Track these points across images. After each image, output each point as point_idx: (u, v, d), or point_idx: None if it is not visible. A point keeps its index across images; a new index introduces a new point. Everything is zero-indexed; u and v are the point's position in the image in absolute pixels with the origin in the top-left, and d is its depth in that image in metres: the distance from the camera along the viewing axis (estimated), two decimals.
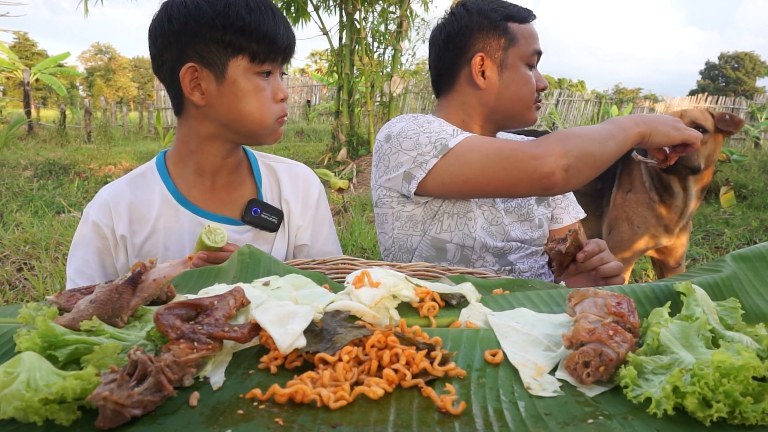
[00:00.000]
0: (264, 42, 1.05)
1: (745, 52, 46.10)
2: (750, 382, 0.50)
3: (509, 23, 1.30)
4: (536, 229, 1.37)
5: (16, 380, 0.49)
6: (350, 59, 7.16)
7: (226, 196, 1.18)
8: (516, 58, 1.30)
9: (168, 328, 0.59)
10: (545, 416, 0.52)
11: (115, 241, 1.13)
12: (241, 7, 1.03)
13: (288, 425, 0.50)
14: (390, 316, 0.72)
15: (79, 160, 7.35)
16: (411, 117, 1.29)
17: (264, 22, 1.04)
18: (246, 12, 1.03)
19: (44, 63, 15.00)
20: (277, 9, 1.09)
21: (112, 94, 44.34)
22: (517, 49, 1.30)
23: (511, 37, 1.29)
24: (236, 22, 1.03)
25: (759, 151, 9.59)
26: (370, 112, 7.28)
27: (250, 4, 1.04)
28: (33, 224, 4.15)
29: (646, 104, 16.56)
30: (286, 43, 1.09)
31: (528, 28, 1.32)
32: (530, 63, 1.31)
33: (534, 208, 1.37)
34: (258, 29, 1.04)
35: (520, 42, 1.30)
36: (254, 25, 1.04)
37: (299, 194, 1.25)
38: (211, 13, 1.02)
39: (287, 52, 1.10)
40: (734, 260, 0.78)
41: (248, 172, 1.23)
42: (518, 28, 1.30)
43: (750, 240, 4.36)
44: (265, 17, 1.05)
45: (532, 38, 1.31)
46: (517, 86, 1.30)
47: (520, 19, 1.31)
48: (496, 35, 1.30)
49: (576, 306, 0.67)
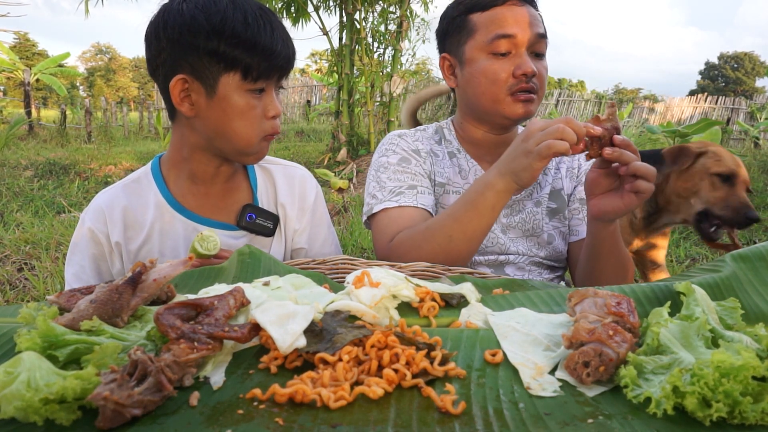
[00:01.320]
0: (258, 59, 1.01)
1: (744, 52, 46.12)
2: (750, 382, 0.50)
3: (470, 15, 1.22)
4: (544, 246, 1.30)
5: (17, 380, 0.49)
6: (350, 59, 7.17)
7: (221, 202, 1.17)
8: (473, 50, 1.21)
9: (168, 328, 0.59)
10: (545, 416, 0.52)
11: (110, 248, 1.13)
12: (237, 21, 1.00)
13: (288, 425, 0.50)
14: (390, 316, 0.72)
15: (80, 160, 7.36)
16: (387, 144, 1.32)
17: (260, 38, 1.01)
18: (242, 27, 1.00)
19: (44, 63, 15.01)
20: (277, 23, 1.05)
21: (112, 94, 44.37)
22: (474, 40, 1.21)
23: (468, 30, 1.22)
24: (231, 36, 0.99)
25: (759, 151, 9.59)
26: (370, 112, 7.28)
27: (248, 18, 1.00)
28: (33, 224, 4.15)
29: (645, 104, 16.55)
30: (282, 62, 1.04)
31: (491, 14, 1.20)
32: (493, 51, 1.18)
33: (544, 222, 1.31)
34: (253, 46, 1.00)
35: (478, 32, 1.20)
36: (249, 42, 1.00)
37: (295, 198, 1.24)
38: (206, 26, 0.99)
39: (283, 70, 1.06)
40: (734, 260, 0.78)
41: (244, 177, 1.22)
42: (479, 17, 1.21)
43: (750, 240, 4.36)
44: (262, 33, 1.01)
45: (495, 23, 1.19)
46: (476, 81, 1.22)
47: (483, 6, 1.21)
48: (456, 32, 1.25)
49: (576, 306, 0.67)
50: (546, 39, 1.21)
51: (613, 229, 1.09)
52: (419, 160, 1.29)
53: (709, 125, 5.83)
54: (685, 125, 6.80)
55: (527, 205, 1.30)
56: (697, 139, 5.74)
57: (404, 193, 1.23)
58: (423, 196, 1.24)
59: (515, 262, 1.28)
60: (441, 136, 1.37)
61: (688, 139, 5.78)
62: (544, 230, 1.31)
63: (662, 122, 10.06)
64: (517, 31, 1.17)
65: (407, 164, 1.27)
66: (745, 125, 12.70)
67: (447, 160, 1.32)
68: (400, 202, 1.22)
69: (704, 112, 15.29)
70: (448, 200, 1.29)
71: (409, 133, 1.35)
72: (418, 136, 1.35)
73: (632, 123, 11.59)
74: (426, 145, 1.33)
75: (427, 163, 1.30)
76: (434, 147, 1.34)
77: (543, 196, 1.32)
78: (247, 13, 1.01)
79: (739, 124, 13.29)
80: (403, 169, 1.27)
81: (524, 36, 1.17)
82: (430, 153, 1.32)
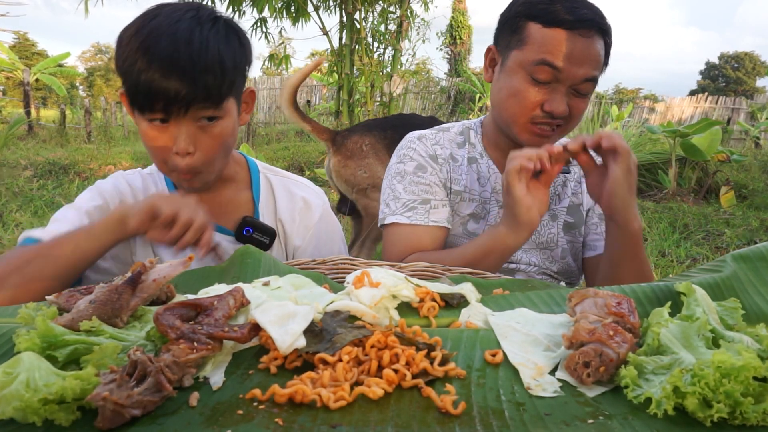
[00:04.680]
0: (136, 88, 0.93)
1: (745, 52, 46.08)
2: (750, 382, 0.50)
3: (530, 22, 1.10)
4: (557, 261, 1.28)
5: (16, 380, 0.49)
6: (350, 59, 7.16)
7: (220, 209, 1.15)
8: (516, 63, 1.12)
9: (168, 328, 0.59)
10: (545, 416, 0.52)
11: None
12: (134, 45, 0.92)
13: (288, 425, 0.50)
14: (390, 316, 0.72)
15: (79, 160, 7.36)
16: (405, 148, 1.30)
17: (137, 67, 0.91)
18: (128, 53, 0.92)
19: (44, 63, 15.04)
20: (184, 49, 0.93)
21: (112, 94, 44.32)
22: (521, 53, 1.11)
23: (521, 38, 1.11)
24: (122, 58, 0.94)
25: (759, 151, 9.59)
26: (370, 112, 7.28)
27: (151, 45, 0.92)
28: (33, 224, 4.15)
29: (646, 104, 16.55)
30: (164, 93, 0.92)
31: (550, 34, 1.08)
32: (534, 74, 1.09)
33: (559, 236, 1.28)
34: (131, 73, 0.92)
35: (528, 47, 1.10)
36: (128, 68, 0.92)
37: (295, 215, 1.22)
38: (120, 43, 0.95)
39: (172, 102, 0.93)
40: (734, 260, 0.78)
41: (246, 186, 1.21)
42: (538, 30, 1.09)
43: (750, 240, 4.36)
44: (150, 60, 0.91)
45: (547, 45, 1.07)
46: (505, 93, 1.14)
47: (547, 21, 1.08)
48: (510, 32, 1.15)
49: (576, 306, 0.67)
50: (595, 81, 1.12)
51: (633, 234, 1.04)
52: (435, 168, 1.26)
53: (710, 125, 5.83)
54: (685, 125, 6.80)
55: (543, 218, 1.27)
56: (697, 139, 5.75)
57: (417, 208, 1.23)
58: (436, 212, 1.23)
59: (526, 271, 1.27)
60: (466, 138, 1.31)
61: (689, 139, 5.78)
62: (559, 245, 1.28)
63: (663, 122, 10.04)
64: (565, 66, 1.07)
65: (423, 173, 1.25)
66: (746, 125, 12.70)
67: (465, 165, 1.28)
68: (412, 219, 1.22)
69: (705, 112, 15.29)
70: (462, 208, 1.27)
71: (430, 135, 1.31)
72: (439, 138, 1.31)
73: (632, 123, 11.58)
74: (446, 149, 1.29)
75: (444, 170, 1.27)
76: (454, 151, 1.29)
77: (561, 209, 1.30)
78: (147, 37, 0.93)
79: (739, 124, 13.29)
80: (419, 179, 1.25)
81: (572, 74, 1.08)
82: (448, 159, 1.28)
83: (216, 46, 0.95)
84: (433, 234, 1.23)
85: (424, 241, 1.21)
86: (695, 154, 5.78)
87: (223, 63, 0.96)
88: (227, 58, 0.97)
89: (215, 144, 1.01)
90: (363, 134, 2.82)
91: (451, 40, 19.20)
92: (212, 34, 0.96)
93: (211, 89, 0.95)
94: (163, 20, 0.95)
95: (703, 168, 6.27)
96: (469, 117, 11.02)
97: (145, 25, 0.95)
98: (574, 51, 1.07)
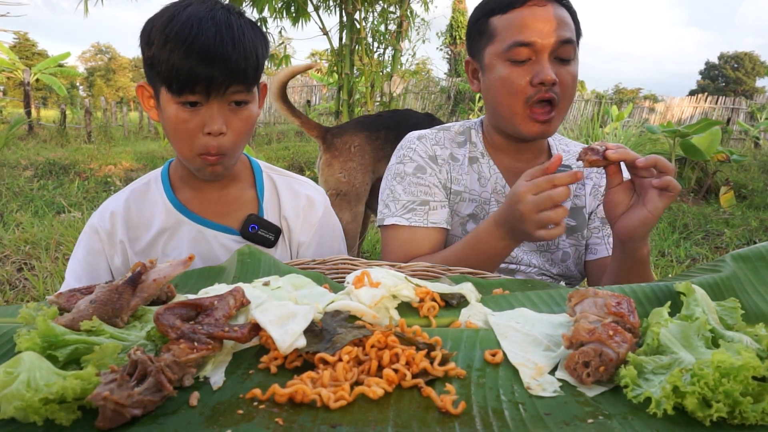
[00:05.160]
0: (176, 72, 0.96)
1: (744, 52, 46.09)
2: (750, 382, 0.50)
3: (491, 18, 1.15)
4: (557, 263, 1.27)
5: (16, 380, 0.49)
6: (350, 59, 7.16)
7: (225, 208, 1.17)
8: (492, 56, 1.14)
9: (168, 328, 0.59)
10: (545, 416, 0.52)
11: (111, 244, 1.14)
12: (171, 30, 0.96)
13: (288, 425, 0.50)
14: (390, 316, 0.72)
15: (80, 160, 7.35)
16: (405, 149, 1.29)
17: (180, 50, 0.95)
18: (166, 37, 0.96)
19: (44, 63, 15.02)
20: (227, 34, 0.98)
21: (112, 94, 44.33)
22: (493, 46, 1.14)
23: (489, 35, 1.15)
24: (158, 46, 0.96)
25: (759, 151, 9.60)
26: (370, 112, 7.28)
27: (183, 27, 0.96)
28: (33, 224, 4.14)
29: (646, 104, 16.54)
30: (206, 75, 0.96)
31: (510, 17, 1.12)
32: (512, 58, 1.10)
33: (560, 239, 1.26)
34: (169, 58, 0.95)
35: (497, 38, 1.13)
36: (169, 53, 0.95)
37: (300, 214, 1.23)
38: (146, 33, 0.99)
39: (212, 85, 0.98)
40: (734, 260, 0.78)
41: (250, 185, 1.22)
42: (499, 20, 1.13)
43: (750, 240, 4.36)
44: (191, 43, 0.95)
45: (513, 28, 1.11)
46: (494, 90, 1.15)
47: (502, 8, 1.13)
48: (478, 36, 1.20)
49: (576, 306, 0.67)
50: (572, 43, 1.12)
51: (642, 259, 1.02)
52: (434, 169, 1.26)
53: (710, 125, 5.84)
54: (685, 125, 6.80)
55: None
56: (697, 139, 5.76)
57: (416, 210, 1.23)
58: (435, 213, 1.23)
59: (526, 272, 1.26)
60: (467, 137, 1.31)
61: (689, 139, 5.78)
62: (560, 247, 1.27)
63: (662, 122, 10.05)
64: (536, 38, 1.08)
65: (422, 174, 1.25)
66: (746, 125, 12.70)
67: (466, 165, 1.28)
68: (411, 221, 1.22)
69: (704, 112, 15.29)
70: (462, 208, 1.27)
71: (430, 135, 1.30)
72: (440, 137, 1.30)
73: (632, 123, 11.58)
74: (446, 149, 1.28)
75: (443, 171, 1.27)
76: (455, 150, 1.29)
77: None
78: (186, 23, 0.96)
79: (739, 124, 13.29)
80: (418, 180, 1.25)
81: (545, 42, 1.08)
82: (448, 159, 1.28)
83: (250, 34, 1.02)
84: (432, 235, 1.23)
85: (423, 242, 1.22)
86: (695, 154, 5.78)
87: (256, 49, 1.02)
88: (259, 45, 1.04)
89: (244, 127, 1.06)
90: (354, 134, 2.75)
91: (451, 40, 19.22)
92: (245, 22, 1.03)
93: (247, 72, 1.01)
94: (199, 8, 1.00)
95: (702, 168, 6.27)
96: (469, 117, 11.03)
97: (180, 12, 0.99)
98: (536, 22, 1.10)
